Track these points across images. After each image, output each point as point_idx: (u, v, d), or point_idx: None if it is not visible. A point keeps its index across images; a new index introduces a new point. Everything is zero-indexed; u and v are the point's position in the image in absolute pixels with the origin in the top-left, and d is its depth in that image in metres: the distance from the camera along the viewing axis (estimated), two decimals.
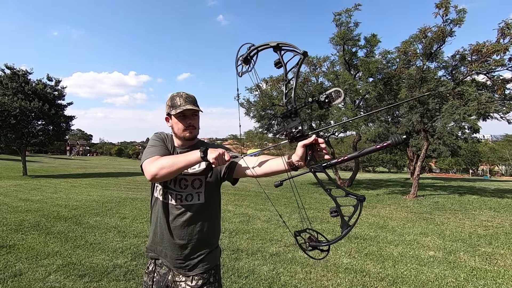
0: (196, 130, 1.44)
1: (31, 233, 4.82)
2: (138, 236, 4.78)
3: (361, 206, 0.95)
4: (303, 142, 1.01)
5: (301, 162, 1.06)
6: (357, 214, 0.95)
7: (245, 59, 1.11)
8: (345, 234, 0.98)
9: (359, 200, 0.95)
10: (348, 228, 0.97)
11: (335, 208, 0.98)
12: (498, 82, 8.82)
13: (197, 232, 1.39)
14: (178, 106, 1.37)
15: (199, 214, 1.40)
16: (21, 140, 16.30)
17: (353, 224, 0.96)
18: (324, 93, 0.96)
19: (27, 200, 8.02)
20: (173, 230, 1.39)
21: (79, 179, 14.84)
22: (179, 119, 1.39)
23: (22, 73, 16.19)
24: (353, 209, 0.96)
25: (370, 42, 10.90)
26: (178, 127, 1.40)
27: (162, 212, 1.41)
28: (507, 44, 7.95)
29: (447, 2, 8.53)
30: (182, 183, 1.39)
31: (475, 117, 9.02)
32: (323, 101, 0.96)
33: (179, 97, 1.39)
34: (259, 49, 1.10)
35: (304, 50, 1.00)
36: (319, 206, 7.95)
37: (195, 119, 1.42)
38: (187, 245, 1.38)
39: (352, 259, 3.92)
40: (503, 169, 50.05)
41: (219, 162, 1.14)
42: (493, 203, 9.02)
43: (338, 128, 12.25)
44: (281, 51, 1.07)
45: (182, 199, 1.39)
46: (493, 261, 3.99)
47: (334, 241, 1.01)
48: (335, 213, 0.97)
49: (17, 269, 3.35)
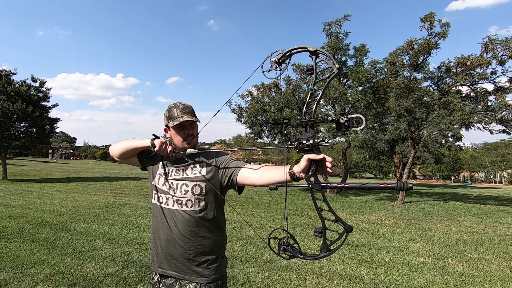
0: (195, 139, 1.45)
1: (15, 240, 4.62)
2: (128, 243, 4.66)
3: (346, 236, 0.94)
4: (311, 156, 1.01)
5: (302, 174, 1.07)
6: (340, 242, 0.95)
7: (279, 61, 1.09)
8: (322, 257, 0.98)
9: (346, 230, 0.93)
10: (327, 253, 0.97)
11: (320, 229, 0.98)
12: (481, 94, 9.23)
13: (200, 238, 1.38)
14: (175, 118, 1.37)
15: (199, 220, 1.38)
16: (2, 142, 15.66)
17: (333, 250, 0.96)
18: (346, 116, 0.95)
19: (8, 206, 7.68)
20: (175, 237, 1.37)
21: (63, 184, 14.35)
22: (177, 130, 1.40)
23: (5, 73, 15.63)
24: (338, 236, 0.96)
25: (359, 52, 11.21)
26: (177, 138, 1.41)
27: (163, 219, 1.40)
28: (489, 59, 8.36)
29: (432, 16, 8.91)
30: (182, 189, 1.39)
31: (458, 126, 9.39)
32: (343, 123, 0.94)
33: (176, 108, 1.40)
34: (292, 52, 1.08)
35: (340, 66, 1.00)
36: (310, 213, 8.00)
37: (193, 129, 1.43)
38: (191, 251, 1.37)
39: (345, 266, 3.96)
40: (483, 176, 52.04)
41: (161, 150, 1.34)
42: (476, 209, 9.35)
43: (328, 135, 12.44)
44: (317, 59, 1.05)
45: (182, 204, 1.38)
46: (480, 267, 4.12)
47: (309, 258, 1.03)
48: (319, 234, 0.98)
49: (2, 279, 3.19)
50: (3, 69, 15.73)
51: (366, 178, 47.29)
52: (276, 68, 1.10)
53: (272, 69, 1.11)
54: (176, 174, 1.43)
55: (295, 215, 7.54)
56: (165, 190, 1.41)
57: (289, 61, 1.10)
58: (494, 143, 42.33)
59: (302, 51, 1.07)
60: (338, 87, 10.58)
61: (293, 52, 1.08)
